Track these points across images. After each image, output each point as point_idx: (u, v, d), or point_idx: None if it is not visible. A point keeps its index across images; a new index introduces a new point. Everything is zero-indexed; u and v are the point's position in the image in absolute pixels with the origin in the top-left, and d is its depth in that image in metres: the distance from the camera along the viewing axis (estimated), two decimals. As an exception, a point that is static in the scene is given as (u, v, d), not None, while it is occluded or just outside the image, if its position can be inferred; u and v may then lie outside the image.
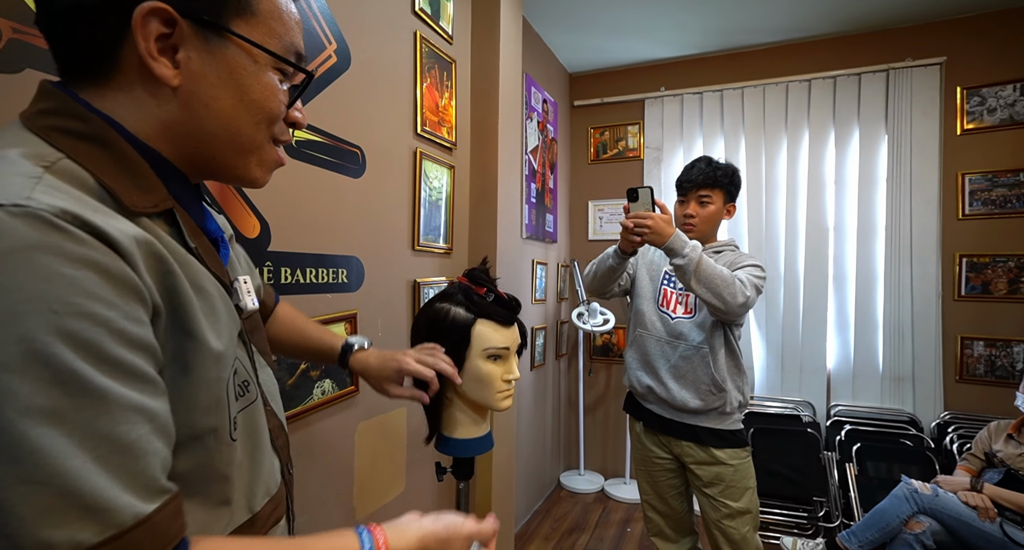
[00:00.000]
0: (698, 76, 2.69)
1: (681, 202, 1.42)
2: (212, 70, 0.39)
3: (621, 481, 2.76)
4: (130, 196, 0.36)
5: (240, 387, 0.45)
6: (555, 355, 2.78)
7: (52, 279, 0.28)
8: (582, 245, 2.95)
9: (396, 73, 1.37)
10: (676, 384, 1.32)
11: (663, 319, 1.38)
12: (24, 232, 0.28)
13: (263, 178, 0.46)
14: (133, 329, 0.32)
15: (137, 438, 0.31)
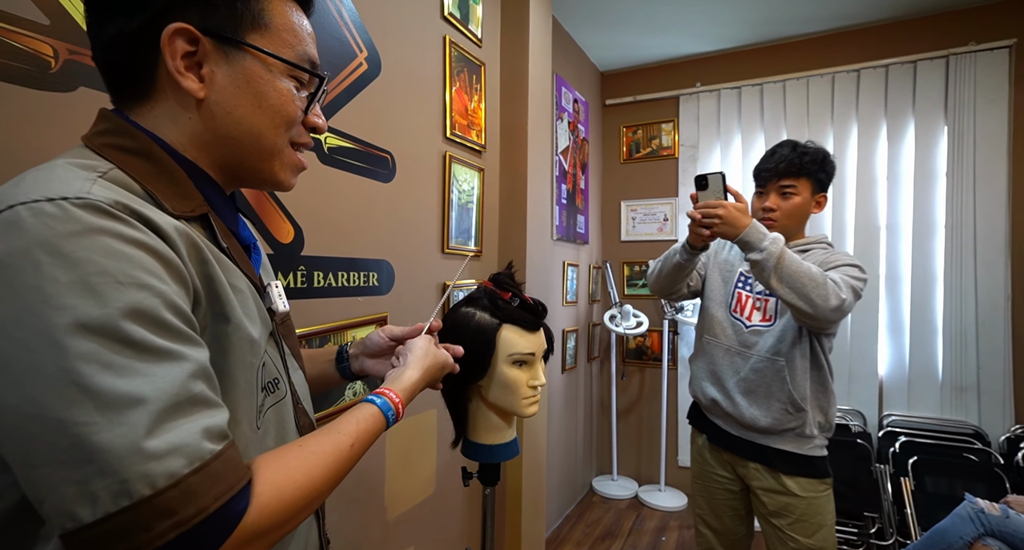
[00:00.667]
0: (736, 70, 2.59)
1: (759, 194, 1.24)
2: (232, 81, 0.43)
3: (656, 488, 2.69)
4: (170, 201, 0.40)
5: (270, 384, 0.47)
6: (587, 358, 2.74)
7: (115, 256, 0.32)
8: (614, 246, 2.90)
9: (425, 78, 1.38)
10: (745, 399, 1.17)
11: (735, 326, 1.23)
12: (88, 218, 0.32)
13: (287, 180, 0.49)
14: (181, 304, 0.35)
15: (201, 390, 0.34)
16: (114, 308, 0.31)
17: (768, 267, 1.02)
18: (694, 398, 1.35)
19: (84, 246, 0.31)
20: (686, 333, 2.69)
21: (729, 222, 1.03)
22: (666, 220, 2.78)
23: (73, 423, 0.29)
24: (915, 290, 2.25)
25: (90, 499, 0.29)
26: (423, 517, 1.41)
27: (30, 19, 0.63)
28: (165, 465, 0.30)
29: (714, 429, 1.28)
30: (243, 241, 0.50)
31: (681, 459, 2.70)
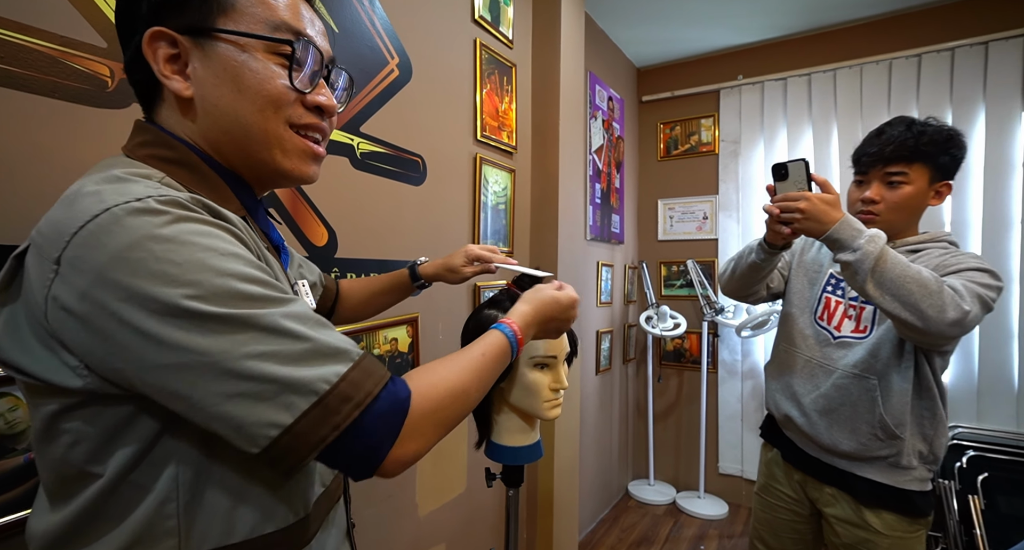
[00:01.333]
0: (781, 61, 2.47)
1: (858, 183, 1.04)
2: (211, 72, 0.42)
3: (695, 495, 2.60)
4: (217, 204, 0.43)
5: None
6: (622, 360, 2.69)
7: (209, 235, 0.37)
8: (651, 246, 2.83)
9: (456, 81, 1.40)
10: (824, 419, 1.02)
11: (819, 336, 1.06)
12: (175, 210, 0.36)
13: (297, 168, 0.47)
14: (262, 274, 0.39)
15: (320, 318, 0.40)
16: (228, 274, 0.36)
17: (863, 270, 0.83)
18: (768, 411, 1.20)
19: (183, 232, 0.35)
20: (727, 336, 2.59)
21: (814, 217, 0.86)
22: (705, 218, 2.69)
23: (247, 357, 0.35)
24: (984, 292, 2.06)
25: (286, 406, 0.35)
26: (454, 515, 1.43)
27: (90, 43, 0.69)
28: (331, 369, 0.37)
29: (788, 445, 1.13)
30: (273, 242, 0.52)
31: (722, 466, 2.60)
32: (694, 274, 2.59)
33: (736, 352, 2.58)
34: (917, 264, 0.89)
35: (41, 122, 0.64)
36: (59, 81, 0.66)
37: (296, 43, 0.44)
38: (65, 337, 0.35)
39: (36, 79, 0.64)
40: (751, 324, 2.33)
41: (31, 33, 0.63)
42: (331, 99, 0.48)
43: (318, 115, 0.47)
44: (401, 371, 1.22)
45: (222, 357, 0.34)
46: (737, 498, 2.58)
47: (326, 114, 0.48)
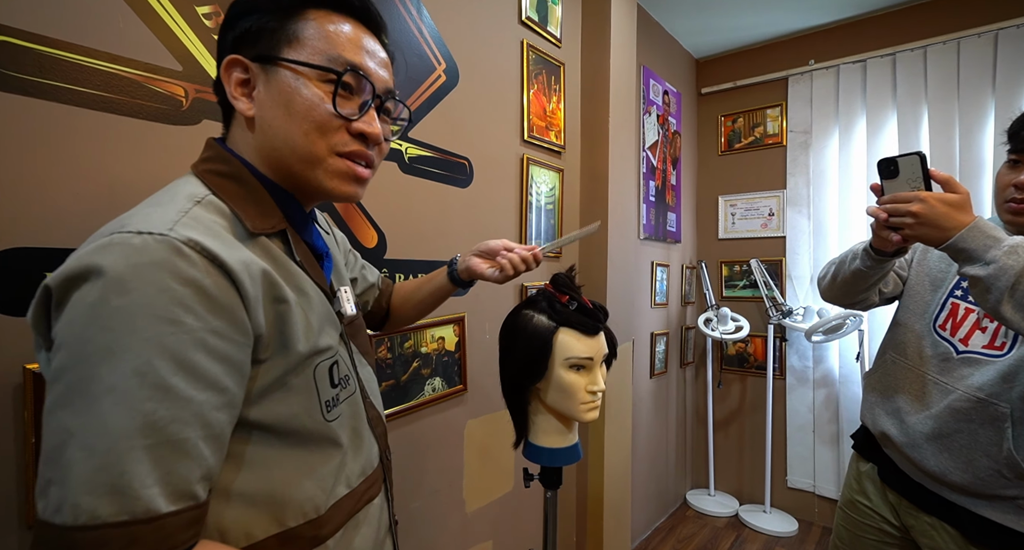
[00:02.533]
0: (859, 41, 2.26)
1: (1012, 163, 0.86)
2: (269, 96, 0.46)
3: (760, 508, 2.45)
4: (253, 221, 0.46)
5: (342, 380, 0.52)
6: (679, 363, 2.59)
7: (164, 291, 0.36)
8: (711, 244, 2.70)
9: (503, 84, 1.42)
10: (932, 445, 0.87)
11: (938, 348, 0.90)
12: (158, 254, 0.37)
13: (338, 189, 0.49)
14: (214, 342, 0.38)
15: (186, 439, 0.36)
16: (143, 338, 0.35)
17: (999, 287, 0.67)
18: (863, 423, 1.06)
19: (143, 277, 0.36)
20: (796, 340, 2.42)
21: (931, 221, 0.71)
22: (771, 215, 2.52)
23: (66, 428, 0.34)
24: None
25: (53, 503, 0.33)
26: (501, 513, 1.44)
27: (168, 67, 0.77)
28: (108, 506, 0.33)
29: (887, 464, 0.98)
30: (317, 251, 0.55)
31: (791, 480, 2.43)
32: (759, 274, 2.44)
33: (807, 358, 2.40)
34: None
35: (128, 140, 0.73)
36: (143, 103, 0.74)
37: (343, 73, 0.46)
38: None
39: (125, 102, 0.72)
40: (823, 328, 2.15)
41: (121, 62, 0.72)
42: (376, 128, 0.49)
43: (362, 142, 0.49)
44: (448, 370, 1.25)
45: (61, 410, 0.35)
46: (808, 515, 2.39)
47: (371, 142, 0.49)
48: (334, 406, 0.50)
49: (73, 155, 0.68)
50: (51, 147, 0.66)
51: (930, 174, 0.75)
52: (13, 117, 0.63)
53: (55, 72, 0.66)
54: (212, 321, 0.38)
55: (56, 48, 0.66)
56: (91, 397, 0.34)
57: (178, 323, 0.36)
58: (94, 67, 0.69)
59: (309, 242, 0.54)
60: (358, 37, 0.49)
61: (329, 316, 0.52)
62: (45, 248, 0.65)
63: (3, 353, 0.62)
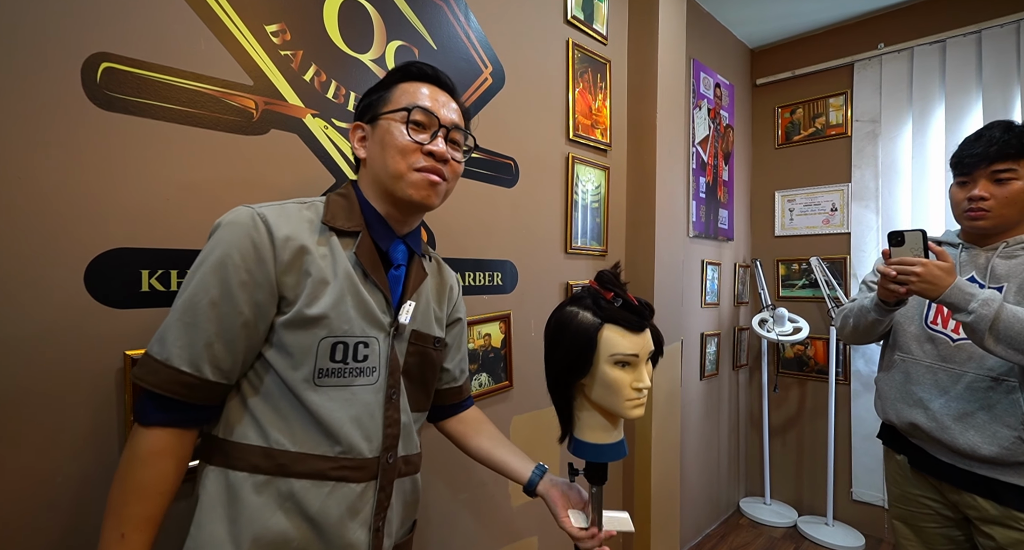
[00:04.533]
0: (938, 19, 2.09)
1: (961, 183, 1.06)
2: (373, 141, 0.68)
3: (822, 521, 2.31)
4: (339, 221, 0.66)
5: (361, 367, 0.64)
6: (732, 365, 2.49)
7: (236, 236, 0.59)
8: (766, 242, 2.58)
9: (548, 84, 1.43)
10: (958, 424, 1.00)
11: (936, 341, 1.06)
12: (245, 217, 0.60)
13: (417, 194, 0.67)
14: (246, 277, 0.58)
15: (204, 327, 0.57)
16: (212, 261, 0.58)
17: (980, 330, 0.90)
18: (885, 420, 1.17)
19: (231, 226, 0.59)
20: (862, 343, 2.26)
21: (929, 281, 0.94)
22: (834, 210, 2.37)
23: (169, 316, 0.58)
24: None
25: (149, 346, 0.58)
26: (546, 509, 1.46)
27: (241, 83, 0.84)
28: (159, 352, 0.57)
29: (916, 452, 1.10)
30: (392, 260, 0.70)
31: (856, 492, 2.28)
32: (819, 273, 2.30)
33: (874, 362, 2.24)
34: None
35: (208, 150, 0.81)
36: (221, 116, 0.82)
37: (412, 109, 0.66)
38: None
39: (206, 116, 0.80)
40: (893, 331, 2.00)
41: (203, 80, 0.80)
42: (440, 148, 0.67)
43: (433, 160, 0.67)
44: (495, 366, 1.28)
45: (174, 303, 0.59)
46: (877, 531, 2.24)
47: (438, 158, 0.67)
48: (326, 377, 0.61)
49: (163, 165, 0.76)
50: (145, 158, 0.74)
51: (929, 247, 0.97)
52: (114, 132, 0.72)
53: (148, 91, 0.74)
54: (252, 265, 0.59)
55: (150, 70, 0.74)
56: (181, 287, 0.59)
57: (231, 257, 0.58)
58: (180, 85, 0.77)
59: (384, 249, 0.69)
60: (432, 92, 0.69)
61: (366, 307, 0.64)
62: (141, 248, 0.74)
63: (107, 341, 0.71)
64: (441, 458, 1.16)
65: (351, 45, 0.99)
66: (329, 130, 0.95)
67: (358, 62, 1.00)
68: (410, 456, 0.71)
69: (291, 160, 0.90)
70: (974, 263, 1.06)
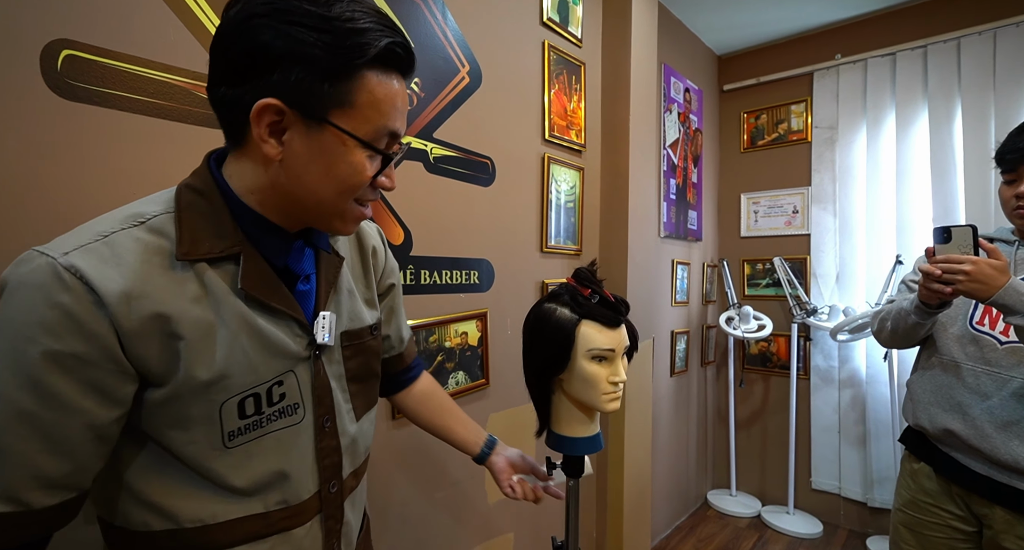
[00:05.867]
0: (889, 34, 2.21)
1: (1009, 182, 0.99)
2: (307, 150, 0.45)
3: (783, 510, 2.42)
4: (190, 247, 0.45)
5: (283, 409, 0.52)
6: (700, 362, 2.58)
7: (31, 310, 0.40)
8: (733, 242, 2.68)
9: (524, 84, 1.44)
10: (1000, 434, 0.93)
11: (981, 342, 0.98)
12: (41, 276, 0.40)
13: (345, 229, 0.52)
14: (73, 363, 0.40)
15: (18, 450, 0.40)
16: (5, 348, 0.40)
17: None
18: (914, 426, 1.11)
19: (21, 295, 0.40)
20: (821, 339, 2.38)
21: (980, 280, 0.87)
22: (795, 212, 2.48)
23: None
24: None
25: None
26: (523, 505, 1.47)
27: (212, 75, 0.82)
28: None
29: (947, 462, 1.03)
30: (297, 272, 0.53)
31: (815, 481, 2.39)
32: (782, 272, 2.41)
33: (832, 358, 2.36)
34: None
35: (178, 143, 0.78)
36: (191, 109, 0.79)
37: (388, 154, 0.49)
38: None
39: (175, 109, 0.78)
40: (849, 327, 2.11)
41: (171, 71, 0.77)
42: (393, 182, 0.52)
43: (376, 192, 0.52)
44: (471, 364, 1.28)
45: None
46: (834, 518, 2.36)
47: (385, 189, 0.52)
48: (238, 436, 0.49)
49: (131, 158, 0.73)
50: (111, 151, 0.72)
51: (980, 244, 0.90)
52: (77, 123, 0.69)
53: (114, 81, 0.72)
54: (75, 345, 0.40)
55: (115, 59, 0.72)
56: None
57: (35, 343, 0.39)
58: (148, 76, 0.75)
59: (278, 265, 0.51)
60: (400, 95, 0.48)
61: (273, 346, 0.50)
62: (105, 244, 0.71)
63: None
64: (417, 458, 1.16)
65: (327, 40, 0.97)
66: (304, 126, 0.93)
67: (334, 57, 0.98)
68: (357, 469, 0.62)
69: (265, 155, 0.89)
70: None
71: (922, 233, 2.13)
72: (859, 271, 2.30)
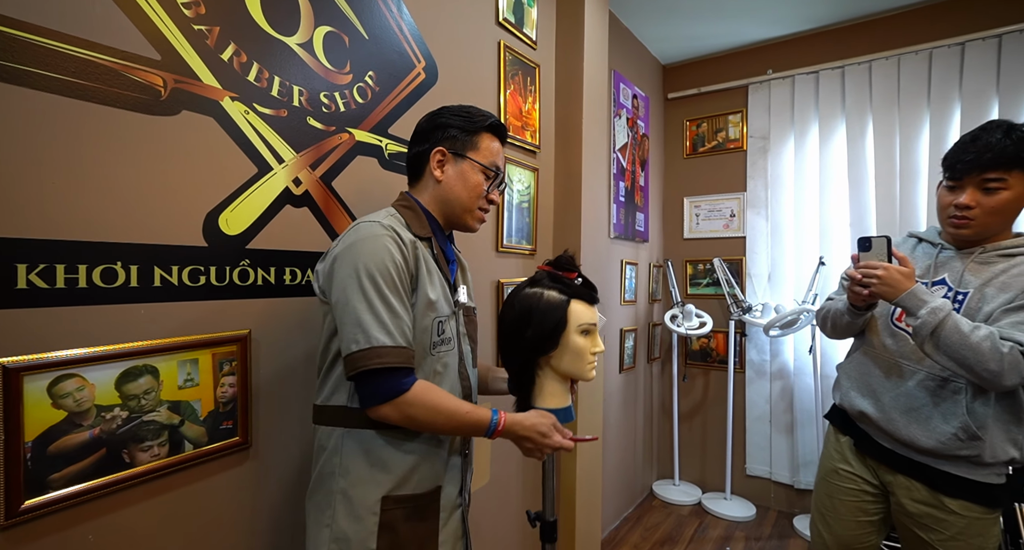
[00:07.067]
0: (813, 53, 2.41)
1: (951, 188, 1.05)
2: (456, 174, 0.86)
3: (721, 496, 2.57)
4: (415, 229, 0.82)
5: (447, 338, 0.82)
6: (647, 358, 2.68)
7: (379, 243, 0.74)
8: (677, 244, 2.81)
9: (480, 83, 1.44)
10: (904, 417, 1.06)
11: (897, 336, 1.10)
12: (378, 229, 0.76)
13: (473, 226, 0.90)
14: (397, 276, 0.74)
15: (392, 317, 0.72)
16: (374, 265, 0.72)
17: (922, 335, 0.96)
18: (839, 405, 1.25)
19: (374, 240, 0.74)
20: (755, 335, 2.55)
21: (889, 283, 1.00)
22: (733, 216, 2.64)
23: (359, 315, 0.71)
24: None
25: (357, 341, 0.70)
26: (481, 505, 1.47)
27: (147, 56, 0.75)
28: (381, 338, 0.70)
29: (862, 436, 1.18)
30: (447, 256, 0.88)
31: (750, 468, 2.56)
32: (721, 272, 2.56)
33: (764, 352, 2.53)
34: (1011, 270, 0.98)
35: (105, 129, 0.71)
36: (121, 92, 0.72)
37: (498, 175, 0.89)
38: (324, 271, 0.77)
39: (102, 90, 0.70)
40: (779, 323, 2.28)
41: (98, 49, 0.70)
42: (499, 197, 0.92)
43: (489, 204, 0.90)
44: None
45: (354, 306, 0.72)
46: (765, 500, 2.53)
47: (493, 203, 0.91)
48: (437, 346, 0.80)
49: (47, 142, 0.66)
50: (23, 134, 0.64)
51: (892, 252, 1.03)
52: (-17, 102, 0.61)
53: (26, 57, 0.64)
54: (398, 267, 0.75)
55: (27, 31, 0.64)
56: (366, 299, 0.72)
57: (386, 263, 0.73)
58: (68, 53, 0.67)
59: (443, 250, 0.87)
60: (499, 149, 0.90)
61: (446, 295, 0.83)
62: (16, 239, 0.63)
63: (-28, 347, 0.60)
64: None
65: (276, 26, 0.92)
66: (251, 116, 0.88)
67: (283, 45, 0.93)
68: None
69: (207, 145, 0.83)
70: (949, 266, 1.07)
71: (841, 237, 2.34)
72: (788, 271, 2.49)
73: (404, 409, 0.71)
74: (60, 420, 0.67)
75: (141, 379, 0.75)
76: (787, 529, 2.33)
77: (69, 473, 0.68)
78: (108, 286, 0.72)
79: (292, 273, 0.96)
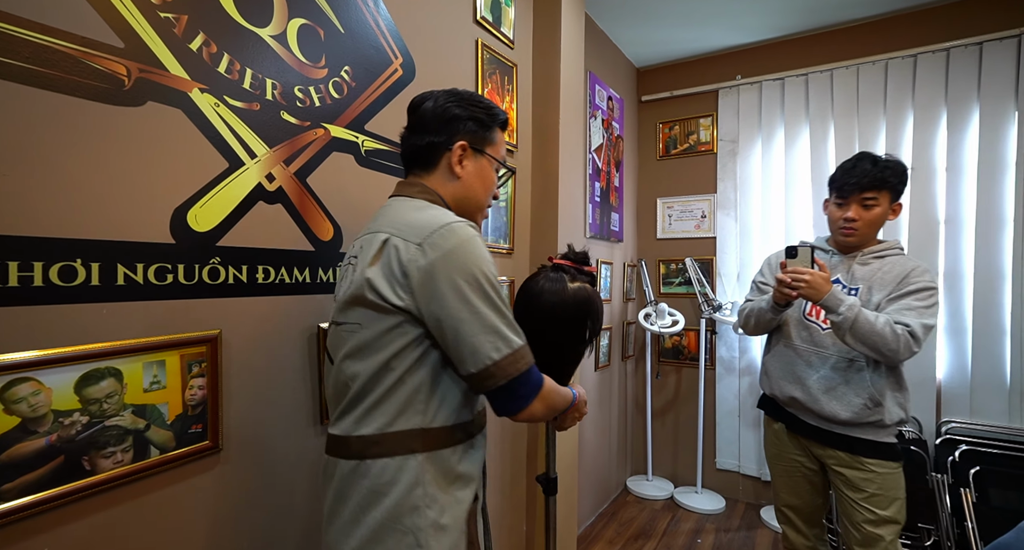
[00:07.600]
0: (779, 61, 2.50)
1: (839, 205, 1.33)
2: (475, 169, 0.82)
3: (692, 490, 2.63)
4: None
5: None
6: (621, 357, 2.72)
7: (481, 245, 0.71)
8: (650, 244, 2.86)
9: (458, 81, 1.43)
10: (825, 396, 1.29)
11: (810, 328, 1.34)
12: (471, 229, 0.71)
13: (483, 220, 0.90)
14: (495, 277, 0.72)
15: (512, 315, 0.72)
16: (488, 268, 0.70)
17: (843, 328, 1.19)
18: (769, 394, 1.45)
19: (474, 244, 0.69)
20: (724, 332, 2.62)
21: (814, 287, 1.21)
22: (704, 217, 2.71)
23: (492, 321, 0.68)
24: (979, 289, 2.09)
25: (498, 349, 0.68)
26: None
27: (109, 44, 0.72)
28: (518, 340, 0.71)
29: (792, 419, 1.40)
30: None
31: (719, 462, 2.63)
32: (692, 272, 2.62)
33: (734, 349, 2.61)
34: (882, 268, 1.28)
35: (63, 119, 0.67)
36: (80, 80, 0.69)
37: (513, 171, 0.87)
38: (412, 282, 0.67)
39: (59, 78, 0.67)
40: (748, 321, 2.35)
41: (54, 34, 0.66)
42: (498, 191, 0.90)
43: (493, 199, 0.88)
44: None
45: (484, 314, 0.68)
46: (734, 493, 2.61)
47: (495, 198, 0.89)
48: None
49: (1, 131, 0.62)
50: (-28, 123, 0.60)
51: (815, 260, 1.24)
52: (-74, 87, 0.57)
53: (-24, 40, 0.60)
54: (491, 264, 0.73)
55: (-22, 14, 0.60)
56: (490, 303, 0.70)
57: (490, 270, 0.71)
58: (22, 37, 0.64)
59: None
60: (504, 143, 0.87)
61: None
62: (-35, 234, 0.59)
63: None
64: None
65: (248, 17, 0.89)
66: (221, 108, 0.85)
67: (256, 36, 0.91)
68: None
69: (174, 138, 0.79)
70: (839, 268, 1.34)
71: (805, 237, 2.43)
72: (756, 270, 2.57)
73: (546, 400, 0.74)
74: (13, 427, 0.63)
75: (103, 382, 0.71)
76: (755, 520, 2.41)
77: (23, 483, 0.64)
78: (67, 284, 0.68)
79: (265, 271, 0.93)
